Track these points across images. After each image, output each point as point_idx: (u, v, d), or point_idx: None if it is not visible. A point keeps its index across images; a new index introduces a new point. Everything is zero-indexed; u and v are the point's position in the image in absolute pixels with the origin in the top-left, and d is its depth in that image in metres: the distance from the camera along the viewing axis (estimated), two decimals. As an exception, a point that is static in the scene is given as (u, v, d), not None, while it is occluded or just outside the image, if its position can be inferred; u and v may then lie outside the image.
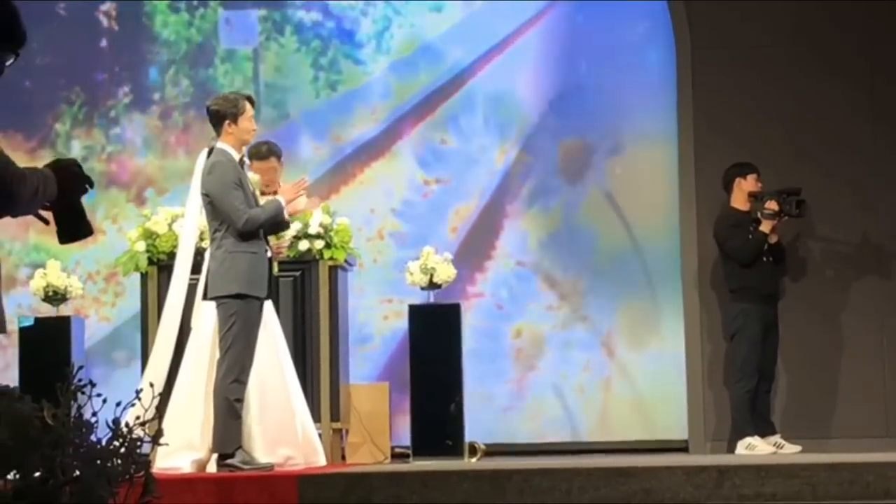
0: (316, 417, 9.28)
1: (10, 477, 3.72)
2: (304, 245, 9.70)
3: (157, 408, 4.65)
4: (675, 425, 11.56)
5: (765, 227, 10.44)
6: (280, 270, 9.48)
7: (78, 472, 3.75)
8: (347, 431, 10.18)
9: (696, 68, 11.46)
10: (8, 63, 4.98)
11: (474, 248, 11.91)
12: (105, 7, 12.20)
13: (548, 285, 11.86)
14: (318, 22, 12.08)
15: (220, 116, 8.50)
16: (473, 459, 10.13)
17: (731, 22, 11.42)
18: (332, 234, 9.81)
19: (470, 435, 10.60)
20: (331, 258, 9.81)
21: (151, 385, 4.61)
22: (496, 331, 11.84)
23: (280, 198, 8.65)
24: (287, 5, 12.14)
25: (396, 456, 10.49)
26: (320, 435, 9.23)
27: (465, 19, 11.96)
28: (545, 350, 11.81)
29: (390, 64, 12.09)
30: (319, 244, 9.74)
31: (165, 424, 7.78)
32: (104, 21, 12.21)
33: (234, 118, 8.48)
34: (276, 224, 8.70)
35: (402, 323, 10.71)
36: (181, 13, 12.01)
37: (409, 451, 10.16)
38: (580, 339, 11.78)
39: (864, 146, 11.19)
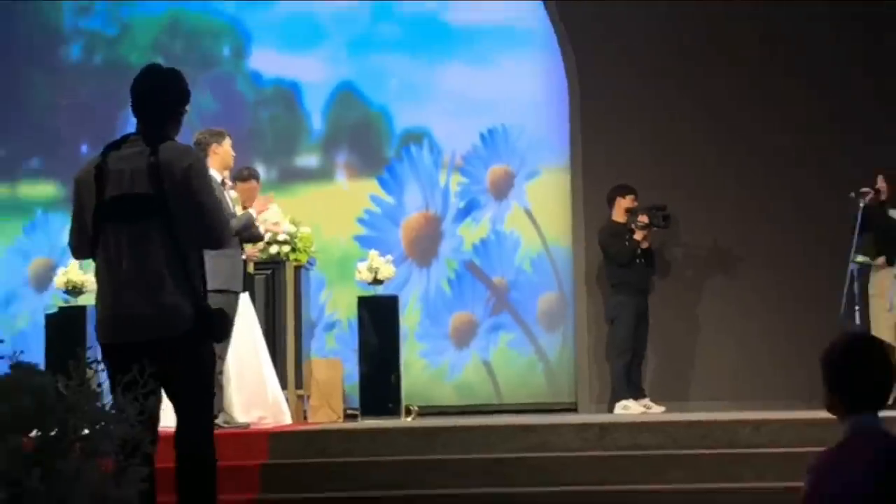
0: (283, 385, 9.24)
1: (31, 435, 3.64)
2: (274, 249, 9.66)
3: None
4: (567, 391, 11.60)
5: (638, 235, 10.46)
6: (255, 270, 9.43)
7: (86, 432, 3.69)
8: (309, 396, 10.12)
9: (584, 115, 11.50)
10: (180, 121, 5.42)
11: (422, 250, 11.88)
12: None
13: (480, 282, 11.85)
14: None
15: (206, 143, 8.37)
16: (409, 419, 10.09)
17: (615, 76, 11.44)
18: (297, 240, 9.77)
19: (413, 399, 10.62)
20: (295, 260, 9.77)
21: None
22: (438, 316, 11.81)
23: (251, 210, 8.55)
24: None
25: (348, 416, 10.43)
26: (287, 400, 9.18)
27: (416, 71, 11.93)
28: (477, 332, 11.80)
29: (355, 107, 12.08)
30: (286, 248, 9.69)
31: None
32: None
33: (219, 142, 8.36)
34: (251, 235, 8.64)
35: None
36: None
37: (358, 412, 10.14)
38: (504, 323, 11.79)
39: (715, 173, 11.24)
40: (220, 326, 5.29)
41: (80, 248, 5.39)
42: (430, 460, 7.57)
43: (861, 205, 9.90)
